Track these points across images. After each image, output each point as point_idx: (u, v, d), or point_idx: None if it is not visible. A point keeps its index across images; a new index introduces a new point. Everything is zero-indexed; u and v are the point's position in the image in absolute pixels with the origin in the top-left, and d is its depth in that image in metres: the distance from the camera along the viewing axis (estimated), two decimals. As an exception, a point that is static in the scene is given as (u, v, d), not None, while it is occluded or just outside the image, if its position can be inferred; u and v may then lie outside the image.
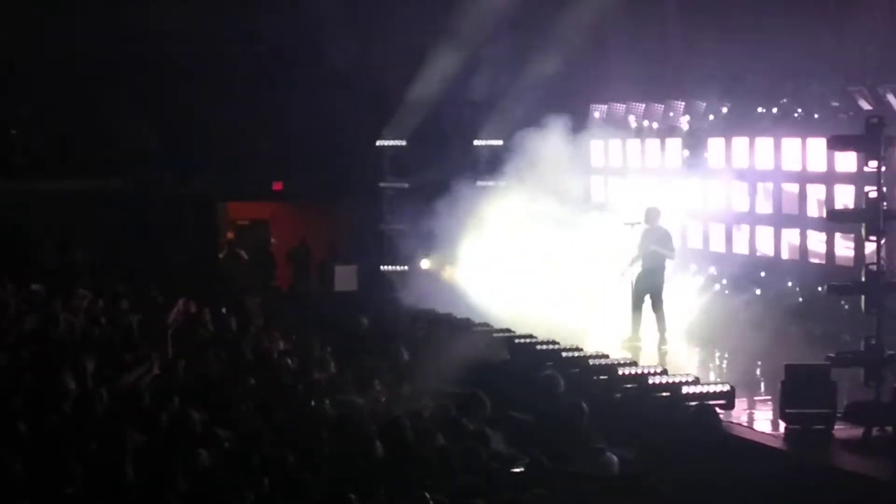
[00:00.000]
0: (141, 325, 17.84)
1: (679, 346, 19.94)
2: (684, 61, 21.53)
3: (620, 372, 16.29)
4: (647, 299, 19.94)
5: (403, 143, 26.34)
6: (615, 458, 11.91)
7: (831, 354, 14.56)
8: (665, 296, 20.02)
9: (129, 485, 10.44)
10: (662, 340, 19.85)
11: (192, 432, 11.68)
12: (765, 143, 22.23)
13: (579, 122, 24.21)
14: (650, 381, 15.71)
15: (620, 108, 25.39)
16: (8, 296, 19.40)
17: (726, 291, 22.21)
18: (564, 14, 23.23)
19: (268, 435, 11.89)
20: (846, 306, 18.46)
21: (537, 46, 23.90)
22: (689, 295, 22.17)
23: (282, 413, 12.96)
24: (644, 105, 24.82)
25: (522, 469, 11.45)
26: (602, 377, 16.33)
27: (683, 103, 23.88)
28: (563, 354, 17.50)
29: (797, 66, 20.40)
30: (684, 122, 23.96)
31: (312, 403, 13.30)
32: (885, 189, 14.58)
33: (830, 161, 20.45)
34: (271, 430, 12.10)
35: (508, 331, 19.65)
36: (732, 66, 21.72)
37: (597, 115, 25.71)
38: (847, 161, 19.47)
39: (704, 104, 23.44)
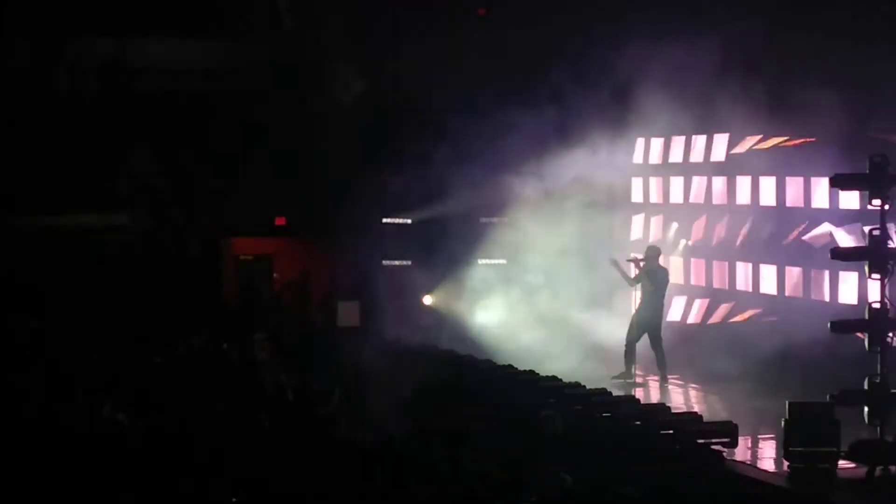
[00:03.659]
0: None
1: (681, 384, 19.95)
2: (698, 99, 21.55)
3: (624, 409, 16.28)
4: (645, 338, 20.12)
5: (406, 178, 26.32)
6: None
7: (835, 392, 14.54)
8: (663, 333, 20.15)
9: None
10: (664, 378, 19.92)
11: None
12: (768, 182, 22.26)
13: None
14: (653, 419, 15.70)
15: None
16: None
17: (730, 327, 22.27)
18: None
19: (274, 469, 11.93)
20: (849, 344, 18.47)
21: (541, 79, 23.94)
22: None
23: (288, 448, 12.97)
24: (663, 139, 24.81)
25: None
26: (605, 414, 16.31)
27: (683, 137, 23.92)
28: (566, 391, 17.48)
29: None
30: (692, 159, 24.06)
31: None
32: (889, 227, 14.62)
33: (833, 199, 20.50)
34: (278, 465, 12.12)
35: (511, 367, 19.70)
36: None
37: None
38: (850, 199, 19.52)
39: (704, 138, 23.49)
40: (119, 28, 28.48)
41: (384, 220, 26.55)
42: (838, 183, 15.83)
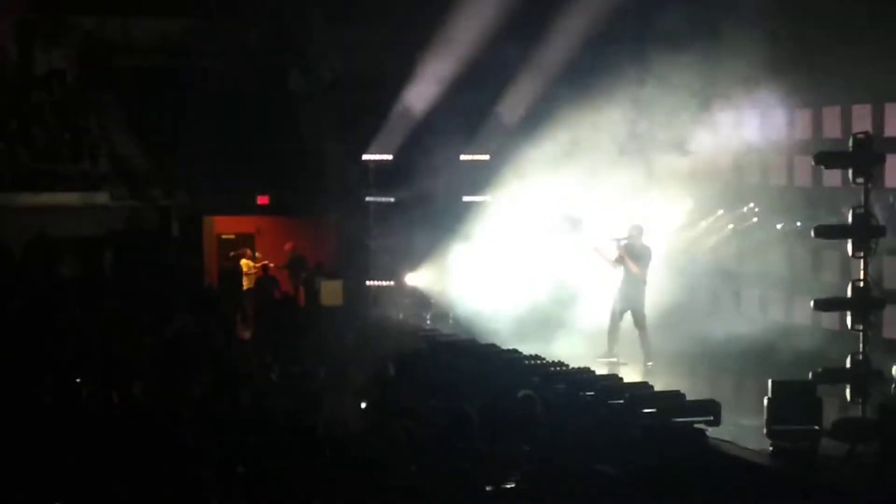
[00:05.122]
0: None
1: (665, 362, 19.94)
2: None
3: (606, 388, 16.30)
4: (628, 316, 20.12)
5: (389, 157, 26.30)
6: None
7: (818, 370, 14.58)
8: (647, 311, 20.15)
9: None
10: (647, 356, 19.92)
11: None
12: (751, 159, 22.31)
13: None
14: (636, 398, 15.71)
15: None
16: None
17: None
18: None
19: (258, 447, 11.94)
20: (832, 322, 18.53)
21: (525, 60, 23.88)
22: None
23: (272, 426, 12.98)
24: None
25: (514, 485, 11.48)
26: (588, 393, 16.34)
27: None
28: (550, 370, 17.50)
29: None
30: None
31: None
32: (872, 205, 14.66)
33: (817, 177, 20.56)
34: (262, 443, 12.13)
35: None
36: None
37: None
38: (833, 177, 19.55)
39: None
40: (100, 5, 28.40)
41: (367, 199, 26.48)
42: (822, 160, 15.84)
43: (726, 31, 19.89)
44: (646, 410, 15.22)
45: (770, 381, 14.30)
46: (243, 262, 28.29)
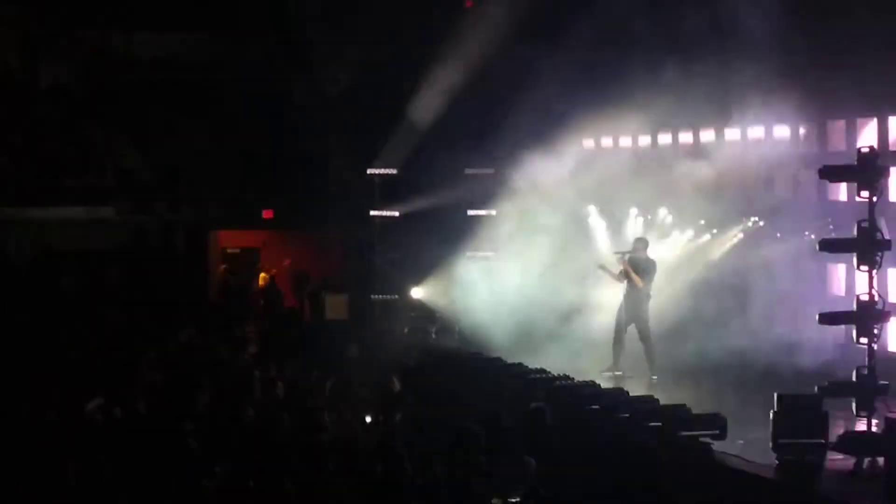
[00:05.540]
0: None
1: (670, 376, 19.90)
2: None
3: (612, 402, 16.27)
4: (633, 329, 20.07)
5: (394, 171, 26.32)
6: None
7: (823, 384, 14.55)
8: (652, 325, 20.10)
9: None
10: (652, 370, 19.87)
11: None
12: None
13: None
14: (641, 411, 15.68)
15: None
16: None
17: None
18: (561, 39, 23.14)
19: (263, 461, 11.92)
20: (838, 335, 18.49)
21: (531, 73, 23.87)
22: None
23: (277, 440, 12.97)
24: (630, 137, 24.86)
25: (519, 499, 11.45)
26: (593, 407, 16.30)
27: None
28: (555, 384, 17.46)
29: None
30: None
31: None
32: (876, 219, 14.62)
33: (822, 190, 20.53)
34: (267, 457, 12.12)
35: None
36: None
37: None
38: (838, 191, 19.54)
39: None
40: (106, 20, 28.46)
41: (372, 213, 26.48)
42: (827, 174, 15.82)
43: (733, 46, 19.89)
44: (651, 424, 15.18)
45: (776, 395, 14.27)
46: (262, 276, 28.29)
